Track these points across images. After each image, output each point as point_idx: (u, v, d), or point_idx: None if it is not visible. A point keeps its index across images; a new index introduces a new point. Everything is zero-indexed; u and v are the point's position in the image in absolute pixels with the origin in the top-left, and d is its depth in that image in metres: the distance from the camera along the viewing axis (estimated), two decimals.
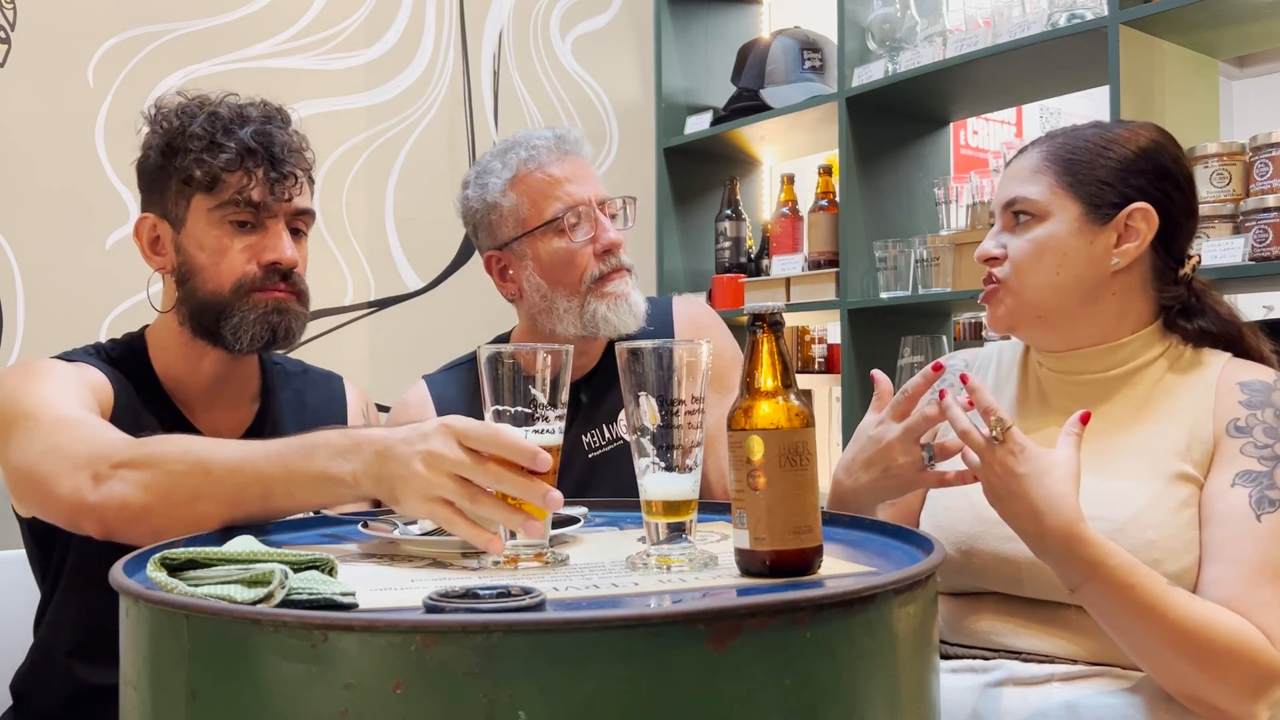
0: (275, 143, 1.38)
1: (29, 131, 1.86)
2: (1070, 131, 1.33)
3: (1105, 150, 1.28)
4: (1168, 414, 1.25)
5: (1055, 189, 1.27)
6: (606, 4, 2.69)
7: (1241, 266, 1.69)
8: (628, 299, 1.58)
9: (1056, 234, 1.27)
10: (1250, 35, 1.91)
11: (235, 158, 1.36)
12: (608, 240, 1.57)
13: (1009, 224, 1.32)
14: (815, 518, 0.93)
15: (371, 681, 0.71)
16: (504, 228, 1.61)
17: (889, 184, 2.43)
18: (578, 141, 1.63)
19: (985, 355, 1.47)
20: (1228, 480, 1.18)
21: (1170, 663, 1.09)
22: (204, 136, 1.36)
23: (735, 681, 0.73)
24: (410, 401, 1.67)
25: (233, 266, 1.38)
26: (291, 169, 1.40)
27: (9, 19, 1.86)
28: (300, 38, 2.20)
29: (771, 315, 0.96)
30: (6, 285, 1.83)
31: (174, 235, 1.41)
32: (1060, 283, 1.27)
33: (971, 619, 1.28)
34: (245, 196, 1.37)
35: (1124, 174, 1.27)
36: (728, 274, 2.67)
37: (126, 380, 1.40)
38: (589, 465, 1.62)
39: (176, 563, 0.87)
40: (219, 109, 1.40)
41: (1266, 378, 1.24)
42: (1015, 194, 1.30)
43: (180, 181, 1.38)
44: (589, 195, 1.58)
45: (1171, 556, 1.16)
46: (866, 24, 2.35)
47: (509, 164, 1.60)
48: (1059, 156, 1.29)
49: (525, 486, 0.98)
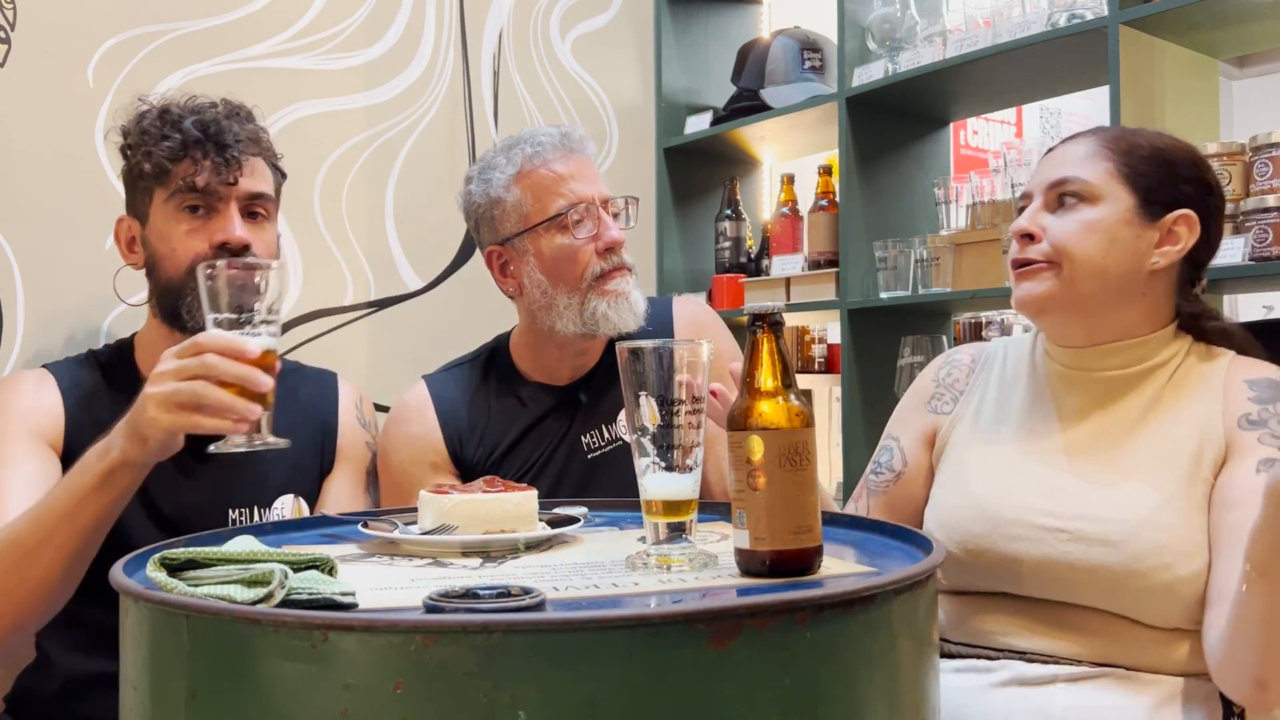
0: (222, 130, 1.43)
1: (29, 131, 1.86)
2: (1126, 129, 1.34)
3: (1162, 152, 1.29)
4: (1179, 412, 1.25)
5: (1113, 175, 1.27)
6: (606, 4, 2.69)
7: (1241, 266, 1.68)
8: (628, 297, 1.58)
9: (1107, 218, 1.26)
10: (1250, 35, 1.91)
11: (179, 146, 1.41)
12: (610, 238, 1.58)
13: (1052, 204, 1.30)
14: (815, 518, 0.93)
15: (371, 681, 0.71)
16: (506, 223, 1.61)
17: (889, 184, 2.43)
18: (582, 140, 1.64)
19: (991, 350, 1.47)
20: (1251, 467, 1.17)
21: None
22: (153, 132, 1.43)
23: (735, 681, 0.73)
24: (410, 401, 1.67)
25: (187, 249, 1.43)
26: (238, 154, 1.44)
27: (9, 19, 1.86)
28: (300, 38, 2.20)
29: (771, 315, 0.96)
30: (6, 285, 1.83)
31: (142, 231, 1.48)
32: (1104, 267, 1.26)
33: (976, 619, 1.28)
34: (191, 183, 1.42)
35: (1177, 179, 1.28)
36: (728, 274, 2.67)
37: (110, 385, 1.47)
38: (588, 466, 1.62)
39: (176, 563, 0.87)
40: (171, 106, 1.46)
41: (1273, 374, 1.25)
42: (1068, 174, 1.29)
43: (139, 178, 1.45)
44: (592, 193, 1.59)
45: (1183, 559, 1.16)
46: (866, 24, 2.34)
47: (514, 160, 1.60)
48: (1118, 147, 1.29)
49: (231, 360, 1.11)
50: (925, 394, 1.46)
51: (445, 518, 1.14)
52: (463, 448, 1.63)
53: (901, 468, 1.42)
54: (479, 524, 1.13)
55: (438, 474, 1.62)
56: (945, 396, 1.44)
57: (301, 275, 2.19)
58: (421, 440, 1.63)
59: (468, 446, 1.63)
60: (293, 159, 1.56)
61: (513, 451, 1.62)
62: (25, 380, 1.46)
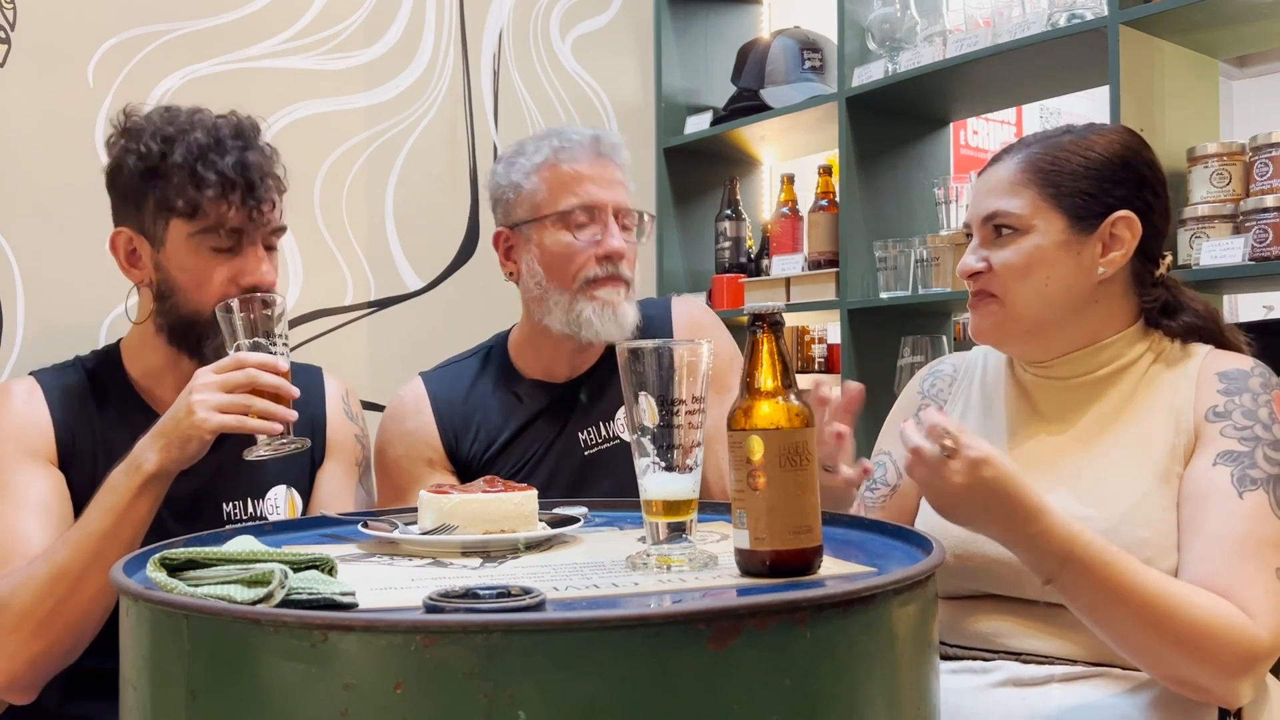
0: (252, 169, 1.43)
1: (29, 131, 1.86)
2: (1045, 139, 1.31)
3: (1084, 160, 1.27)
4: (1153, 407, 1.25)
5: (1037, 202, 1.26)
6: (606, 4, 2.69)
7: (1241, 266, 1.68)
8: (616, 309, 1.58)
9: (1042, 246, 1.26)
10: (1250, 35, 1.91)
11: (216, 189, 1.40)
12: (610, 247, 1.58)
13: (988, 238, 1.30)
14: (815, 518, 0.93)
15: (371, 681, 0.71)
16: (519, 208, 1.63)
17: (889, 184, 2.43)
18: (614, 147, 1.64)
19: (971, 360, 1.47)
20: (1209, 460, 1.18)
21: (1152, 646, 1.09)
22: (185, 166, 1.40)
23: (735, 681, 0.73)
24: (406, 397, 1.68)
25: (214, 289, 1.43)
26: (268, 194, 1.44)
27: (9, 19, 1.86)
28: (300, 38, 2.20)
29: (771, 315, 0.96)
30: (6, 285, 1.83)
31: (152, 252, 1.46)
32: (1049, 295, 1.26)
33: (971, 620, 1.28)
34: (225, 225, 1.42)
35: (1105, 184, 1.26)
36: (728, 274, 2.67)
37: (97, 392, 1.48)
38: (585, 463, 1.62)
39: (176, 563, 0.87)
40: (195, 133, 1.43)
41: (1243, 365, 1.25)
42: (995, 208, 1.28)
43: (159, 204, 1.43)
44: (607, 200, 1.59)
45: (1163, 554, 1.17)
46: (866, 24, 2.34)
47: (542, 150, 1.62)
48: (1038, 168, 1.28)
49: (267, 373, 1.30)
50: (912, 406, 1.47)
51: (445, 518, 1.14)
52: (458, 443, 1.63)
53: (896, 481, 1.43)
54: (479, 524, 1.13)
55: (433, 469, 1.62)
56: (930, 407, 1.45)
57: (301, 275, 2.19)
58: (417, 436, 1.63)
59: (463, 442, 1.63)
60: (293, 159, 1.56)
61: (508, 448, 1.63)
62: (14, 396, 1.45)
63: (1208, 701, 1.11)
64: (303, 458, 1.58)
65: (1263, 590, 1.10)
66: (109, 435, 1.43)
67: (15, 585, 1.27)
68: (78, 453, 1.43)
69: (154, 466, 1.28)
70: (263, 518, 1.51)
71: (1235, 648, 1.07)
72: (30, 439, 1.42)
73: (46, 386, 1.47)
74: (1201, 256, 1.73)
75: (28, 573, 1.27)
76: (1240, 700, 1.10)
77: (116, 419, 1.45)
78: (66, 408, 1.45)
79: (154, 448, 1.29)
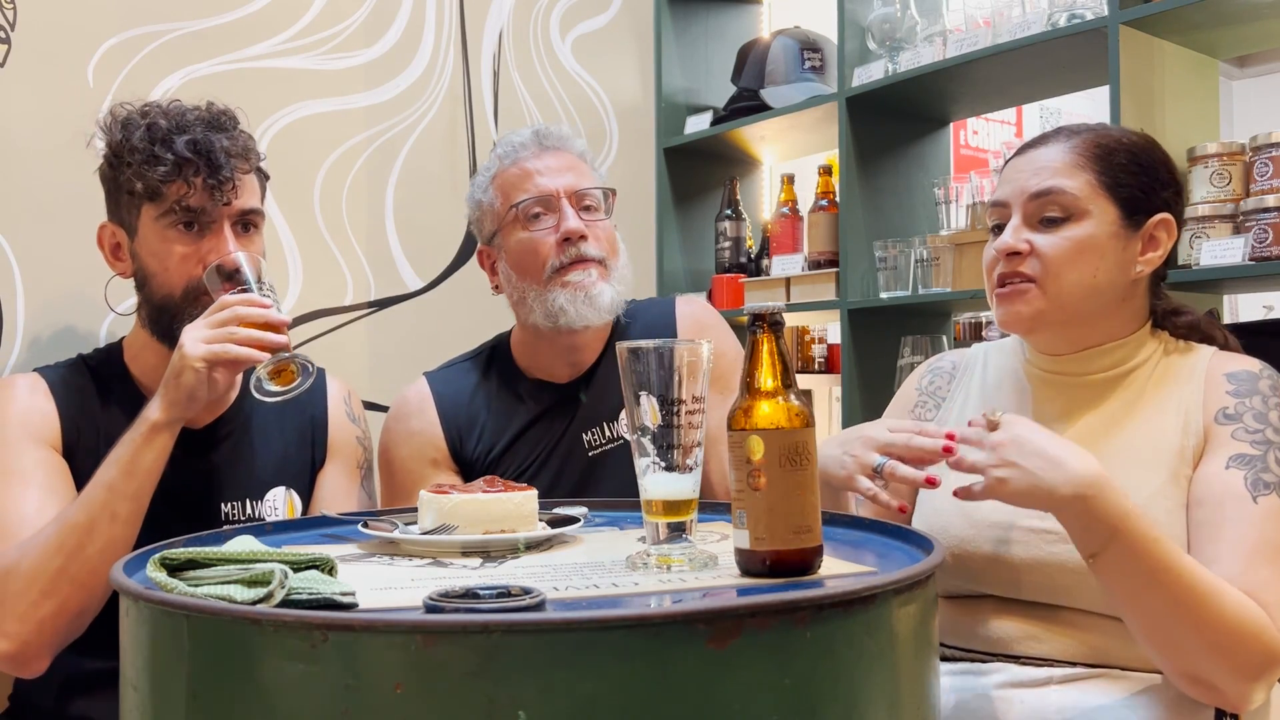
0: (214, 149, 1.43)
1: (29, 131, 1.85)
2: (1091, 129, 1.29)
3: (1134, 156, 1.26)
4: (1162, 405, 1.25)
5: (1094, 186, 1.24)
6: (606, 4, 2.69)
7: (1241, 266, 1.68)
8: (588, 291, 1.57)
9: (1096, 236, 1.24)
10: (1250, 35, 1.91)
11: (172, 169, 1.41)
12: (566, 228, 1.58)
13: (1032, 216, 1.26)
14: (815, 518, 0.93)
15: (371, 681, 0.71)
16: (486, 223, 1.66)
17: (889, 184, 2.43)
18: (560, 137, 1.66)
19: (972, 356, 1.47)
20: (1222, 463, 1.17)
21: (1179, 635, 1.07)
22: (142, 149, 1.41)
23: (735, 681, 0.73)
24: (410, 397, 1.68)
25: (181, 272, 1.44)
26: (230, 173, 1.44)
27: (9, 19, 1.86)
28: (300, 38, 2.20)
29: (771, 315, 0.96)
30: (6, 285, 1.83)
31: (129, 242, 1.48)
32: (1094, 286, 1.24)
33: (969, 621, 1.28)
34: (185, 204, 1.42)
35: (1154, 184, 1.27)
36: (728, 274, 2.67)
37: (100, 388, 1.49)
38: (589, 464, 1.62)
39: (176, 563, 0.87)
40: (159, 119, 1.44)
41: (1252, 367, 1.25)
42: (1051, 184, 1.24)
43: (127, 192, 1.44)
44: (555, 186, 1.60)
45: None
46: (866, 24, 2.34)
47: (491, 163, 1.67)
48: (1094, 154, 1.25)
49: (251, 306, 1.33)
50: (909, 402, 1.46)
51: (445, 518, 1.14)
52: (462, 444, 1.63)
53: None
54: (479, 524, 1.13)
55: (438, 470, 1.62)
56: (928, 404, 1.44)
57: (301, 275, 2.19)
58: (421, 436, 1.63)
59: (467, 443, 1.63)
60: (293, 159, 1.56)
61: (512, 448, 1.63)
62: (18, 386, 1.46)
63: (1217, 704, 1.11)
64: (301, 459, 1.58)
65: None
66: (112, 430, 1.43)
67: (24, 549, 1.27)
68: (81, 446, 1.43)
69: (158, 413, 1.31)
70: (260, 519, 1.50)
71: (1258, 647, 1.06)
72: (36, 425, 1.42)
73: (50, 380, 1.48)
74: (1201, 256, 1.73)
75: (37, 537, 1.28)
76: (1250, 705, 1.09)
77: (119, 414, 1.46)
78: (70, 401, 1.46)
79: (157, 399, 1.32)
